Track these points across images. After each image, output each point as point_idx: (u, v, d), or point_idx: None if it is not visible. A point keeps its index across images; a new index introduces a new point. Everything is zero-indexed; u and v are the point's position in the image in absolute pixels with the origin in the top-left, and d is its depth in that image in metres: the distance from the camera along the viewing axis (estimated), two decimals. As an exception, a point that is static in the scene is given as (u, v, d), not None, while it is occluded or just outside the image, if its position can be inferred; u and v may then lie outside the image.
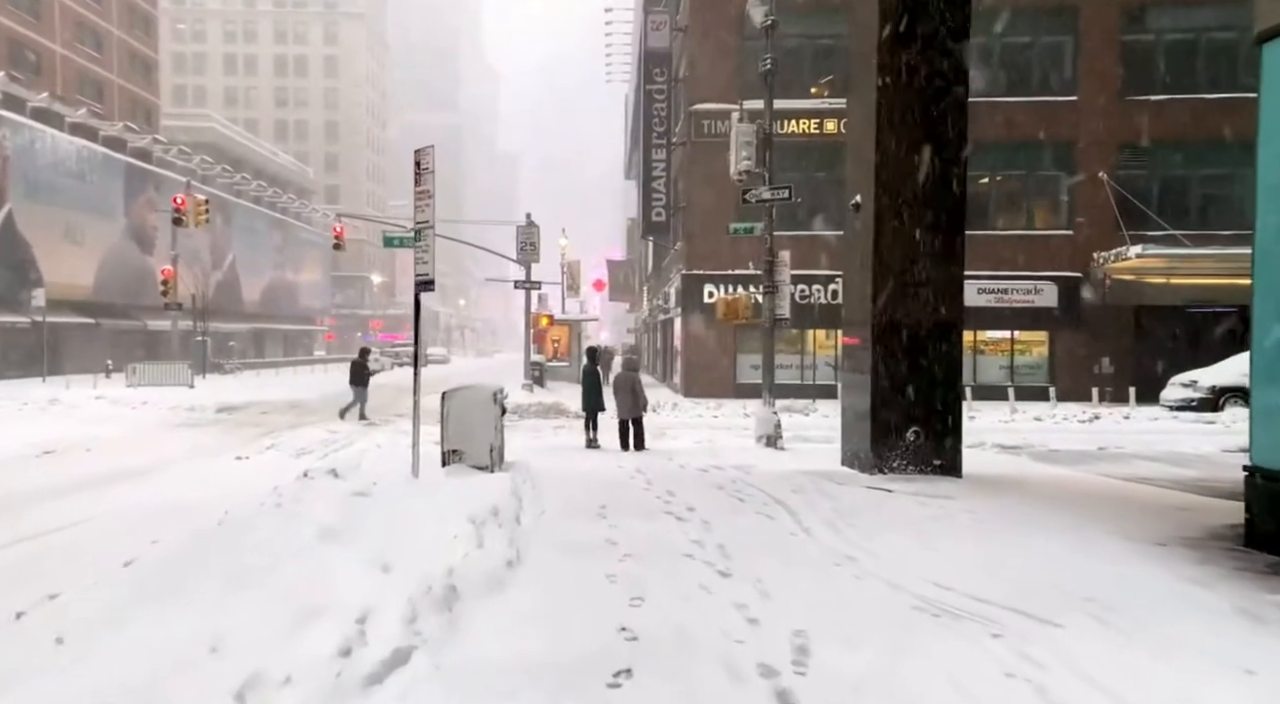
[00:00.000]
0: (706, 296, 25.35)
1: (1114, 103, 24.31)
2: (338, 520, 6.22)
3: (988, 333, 25.64)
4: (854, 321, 10.82)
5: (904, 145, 9.99)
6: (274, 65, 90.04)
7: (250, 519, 6.36)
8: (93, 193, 40.27)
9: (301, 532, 5.90)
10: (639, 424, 13.11)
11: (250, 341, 60.86)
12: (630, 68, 56.57)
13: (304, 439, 14.63)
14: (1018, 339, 25.45)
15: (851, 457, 10.82)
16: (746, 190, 13.60)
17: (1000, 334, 25.71)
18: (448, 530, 6.00)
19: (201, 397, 22.46)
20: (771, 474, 10.45)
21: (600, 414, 13.64)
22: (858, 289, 10.66)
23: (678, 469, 11.15)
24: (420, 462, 9.43)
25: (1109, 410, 20.11)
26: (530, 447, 13.85)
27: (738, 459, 12.07)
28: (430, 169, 8.69)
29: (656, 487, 9.46)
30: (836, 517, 7.47)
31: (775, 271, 13.56)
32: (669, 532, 6.90)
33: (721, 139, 25.09)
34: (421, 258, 8.78)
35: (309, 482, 7.96)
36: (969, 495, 8.67)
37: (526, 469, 10.65)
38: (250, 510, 6.61)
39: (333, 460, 11.90)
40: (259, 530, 5.96)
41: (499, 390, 10.51)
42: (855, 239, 10.86)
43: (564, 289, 43.26)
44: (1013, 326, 24.88)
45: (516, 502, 7.89)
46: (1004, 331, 25.53)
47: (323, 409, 21.21)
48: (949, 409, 10.14)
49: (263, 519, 6.37)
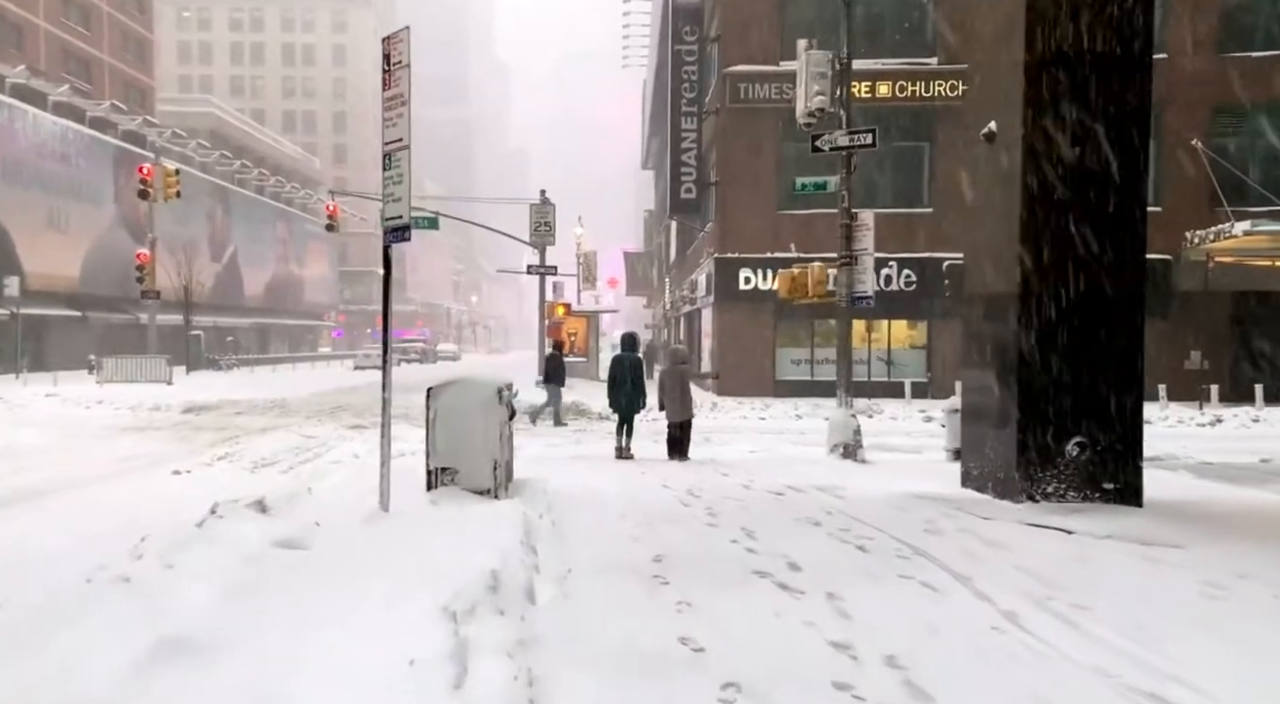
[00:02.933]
0: (743, 282, 22.55)
1: (1208, 60, 21.31)
2: (211, 614, 3.50)
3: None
4: (984, 295, 8.02)
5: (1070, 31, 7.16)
6: (281, 54, 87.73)
7: (68, 608, 3.63)
8: (79, 177, 37.79)
9: (134, 641, 3.18)
10: (688, 429, 10.65)
11: (254, 337, 58.50)
12: (648, 53, 53.78)
13: (270, 446, 11.97)
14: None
15: (979, 476, 8.02)
16: (817, 135, 10.82)
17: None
18: (404, 642, 3.25)
19: (175, 394, 19.90)
20: (874, 500, 7.70)
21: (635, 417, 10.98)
22: (991, 249, 7.86)
23: (742, 490, 8.42)
24: (396, 486, 6.72)
25: (1227, 411, 17.16)
26: (545, 457, 11.15)
27: (815, 475, 9.33)
28: (404, 63, 5.98)
29: (725, 520, 6.73)
30: (1038, 586, 4.69)
31: (854, 237, 10.78)
32: (780, 620, 4.15)
33: (761, 105, 22.34)
34: (393, 193, 6.06)
35: (215, 524, 5.22)
36: (1195, 540, 5.88)
37: (543, 492, 7.92)
38: (77, 589, 3.88)
39: (292, 479, 9.24)
40: (59, 640, 3.24)
41: (505, 386, 7.79)
42: (985, 182, 8.06)
43: (580, 280, 40.61)
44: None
45: (528, 556, 5.15)
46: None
47: (307, 409, 18.58)
48: (1127, 413, 7.34)
49: (91, 606, 3.64)
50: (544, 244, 22.63)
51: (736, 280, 22.61)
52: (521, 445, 12.20)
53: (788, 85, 22.54)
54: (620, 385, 10.81)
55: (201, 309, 43.48)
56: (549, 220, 22.77)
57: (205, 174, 51.09)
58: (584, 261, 41.05)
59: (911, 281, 22.33)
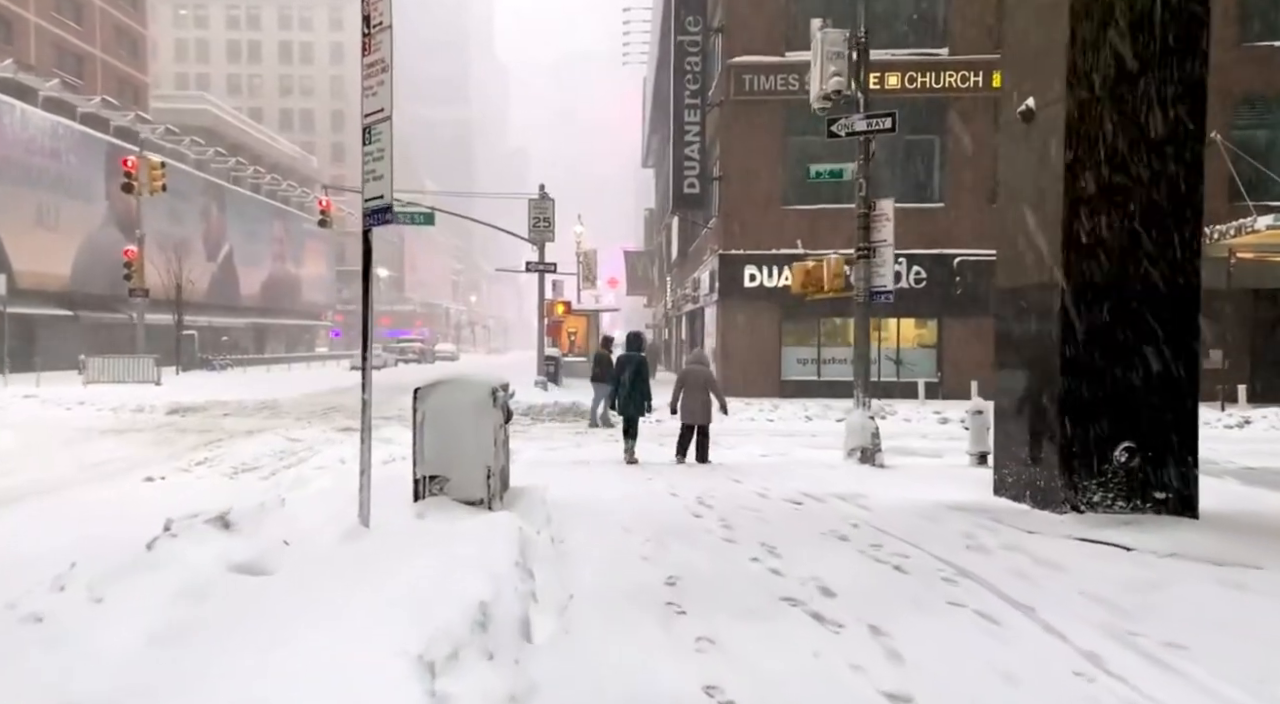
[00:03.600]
0: (748, 280, 21.90)
1: (1229, 51, 20.65)
2: (133, 667, 2.85)
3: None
4: (1020, 288, 7.38)
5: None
6: (279, 52, 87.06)
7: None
8: (70, 173, 37.09)
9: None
10: (705, 433, 10.23)
11: (251, 337, 57.82)
12: (649, 48, 53.15)
13: (253, 450, 11.32)
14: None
15: (1015, 484, 7.38)
16: (834, 119, 10.18)
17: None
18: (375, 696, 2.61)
19: (162, 395, 19.24)
20: (902, 510, 7.07)
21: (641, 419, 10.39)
22: (1029, 239, 7.22)
23: (757, 498, 7.78)
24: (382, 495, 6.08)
25: (1255, 412, 16.51)
26: (544, 461, 10.51)
27: (834, 482, 8.70)
28: (385, 24, 5.33)
29: (742, 534, 6.10)
30: (1114, 617, 4.06)
31: (872, 228, 10.14)
32: (820, 662, 3.52)
33: (766, 97, 21.71)
34: (374, 170, 5.41)
35: (166, 544, 4.57)
36: (1272, 559, 5.23)
37: (541, 502, 7.28)
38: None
39: (273, 485, 8.60)
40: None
41: (500, 386, 7.14)
42: (1021, 165, 7.42)
43: (579, 279, 39.94)
44: (1106, 314, 21.26)
45: (524, 581, 4.51)
46: (1095, 320, 21.97)
47: (298, 410, 17.94)
48: (1181, 416, 6.70)
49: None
50: (543, 240, 21.98)
51: (741, 277, 21.96)
52: (519, 449, 11.56)
53: (794, 77, 21.94)
54: (620, 387, 10.26)
55: (196, 309, 42.80)
56: (548, 216, 22.12)
57: (200, 171, 50.40)
58: (584, 260, 40.39)
59: (921, 278, 21.69)
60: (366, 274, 5.65)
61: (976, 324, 21.92)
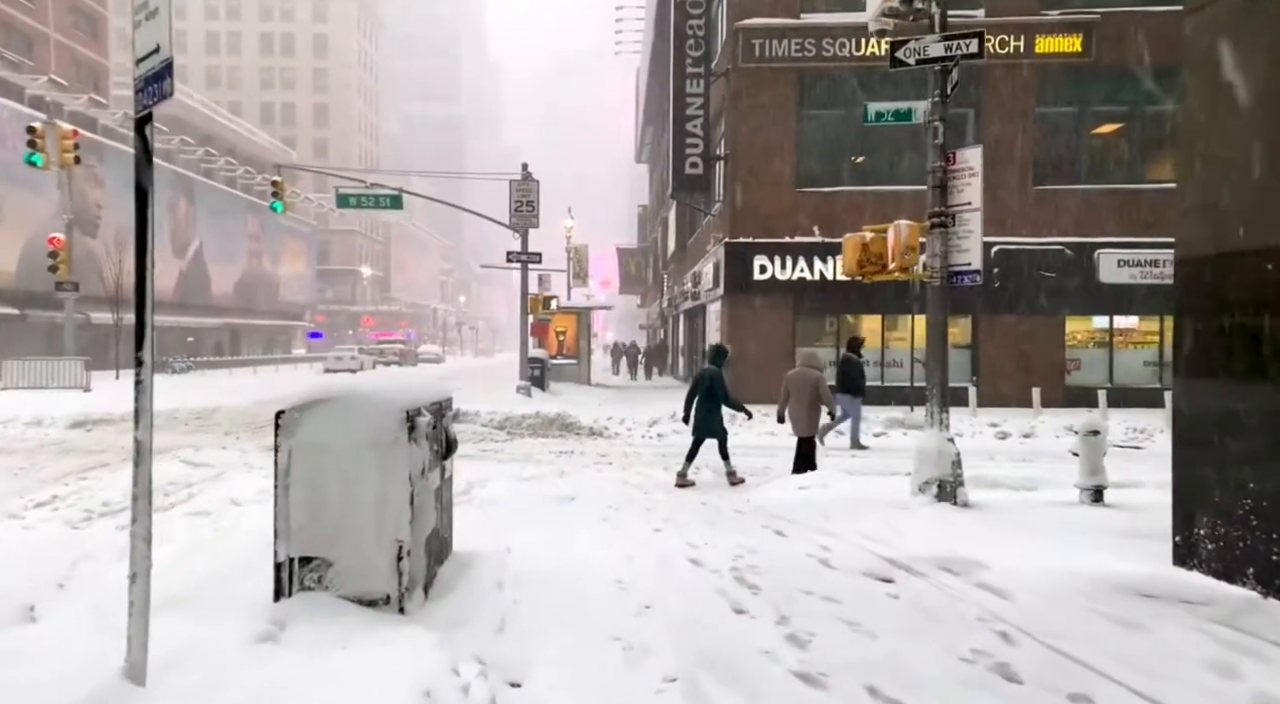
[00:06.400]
0: (758, 271, 19.32)
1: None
2: None
3: (1129, 319, 19.65)
4: (1228, 255, 4.80)
5: None
6: (259, 44, 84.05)
7: None
8: (15, 160, 34.15)
9: None
10: (810, 445, 9.68)
11: (225, 338, 54.91)
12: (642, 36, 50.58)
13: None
14: (1169, 327, 19.39)
15: (1222, 553, 4.80)
16: (898, 42, 7.61)
17: (1141, 321, 19.74)
18: None
19: (84, 404, 16.51)
20: (1060, 600, 4.52)
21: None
22: (1242, 186, 4.64)
23: (820, 569, 5.26)
24: (224, 589, 3.50)
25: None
26: (516, 497, 7.90)
27: (916, 534, 6.17)
28: None
29: (823, 658, 3.57)
30: None
31: (951, 188, 7.57)
32: None
33: (779, 64, 19.14)
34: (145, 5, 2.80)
35: None
36: None
37: (495, 585, 4.73)
38: None
39: (124, 540, 5.97)
40: None
41: (430, 405, 4.53)
42: (1245, 58, 4.85)
43: (570, 276, 37.33)
44: (1164, 310, 18.77)
45: None
46: (1152, 317, 19.53)
47: (234, 422, 15.28)
48: None
49: None
50: (526, 227, 19.37)
51: (750, 269, 19.36)
52: (486, 478, 8.93)
53: (810, 41, 19.36)
54: (689, 402, 9.39)
55: (163, 308, 39.93)
56: (531, 199, 19.50)
57: (167, 162, 47.50)
58: (574, 255, 37.77)
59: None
60: (142, 225, 3.03)
61: (1016, 321, 19.45)
